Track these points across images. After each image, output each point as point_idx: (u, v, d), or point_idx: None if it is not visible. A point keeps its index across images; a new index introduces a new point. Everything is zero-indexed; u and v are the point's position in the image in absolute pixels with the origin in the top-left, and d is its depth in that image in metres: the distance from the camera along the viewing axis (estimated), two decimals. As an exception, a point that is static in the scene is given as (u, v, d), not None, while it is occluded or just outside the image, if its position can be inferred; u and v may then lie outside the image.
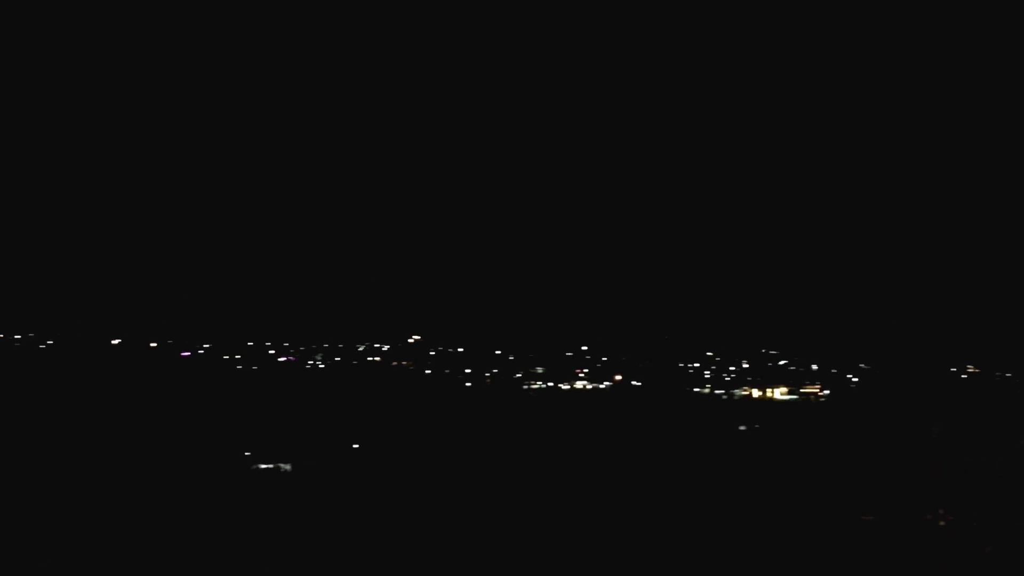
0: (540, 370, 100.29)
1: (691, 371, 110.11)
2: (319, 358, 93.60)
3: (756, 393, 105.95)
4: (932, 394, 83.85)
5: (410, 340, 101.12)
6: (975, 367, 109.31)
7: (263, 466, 44.43)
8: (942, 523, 19.63)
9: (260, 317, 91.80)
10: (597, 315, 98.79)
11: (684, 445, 51.38)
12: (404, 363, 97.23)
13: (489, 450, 46.42)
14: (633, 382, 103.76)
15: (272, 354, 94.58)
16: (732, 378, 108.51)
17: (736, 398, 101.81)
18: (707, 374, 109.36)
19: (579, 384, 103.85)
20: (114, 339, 79.69)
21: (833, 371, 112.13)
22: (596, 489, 36.12)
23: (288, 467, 44.91)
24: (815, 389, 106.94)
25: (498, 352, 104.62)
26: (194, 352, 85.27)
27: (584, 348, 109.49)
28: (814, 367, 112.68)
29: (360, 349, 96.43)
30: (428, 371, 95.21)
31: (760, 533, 27.22)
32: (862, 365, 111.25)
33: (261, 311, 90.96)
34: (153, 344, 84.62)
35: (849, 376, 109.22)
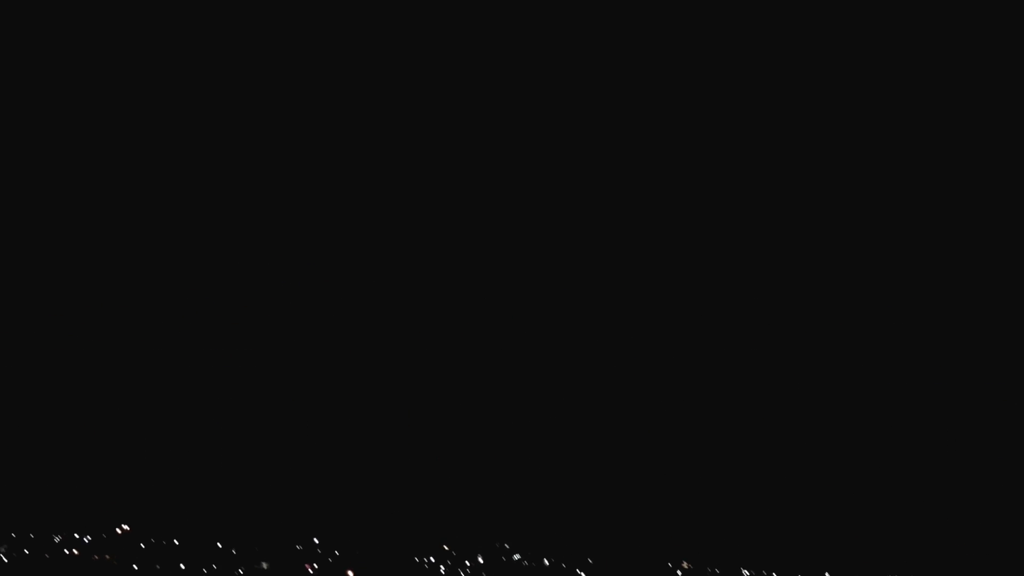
0: (265, 565, 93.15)
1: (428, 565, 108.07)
2: (2, 551, 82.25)
3: None
4: None
5: (117, 530, 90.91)
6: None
7: None
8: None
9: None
10: (325, 500, 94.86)
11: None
12: (107, 557, 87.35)
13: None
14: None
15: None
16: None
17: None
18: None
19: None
20: None
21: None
22: None
23: None
24: None
25: (218, 544, 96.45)
26: None
27: (316, 540, 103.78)
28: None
29: (57, 540, 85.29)
30: (136, 567, 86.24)
31: None
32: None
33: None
34: None
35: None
